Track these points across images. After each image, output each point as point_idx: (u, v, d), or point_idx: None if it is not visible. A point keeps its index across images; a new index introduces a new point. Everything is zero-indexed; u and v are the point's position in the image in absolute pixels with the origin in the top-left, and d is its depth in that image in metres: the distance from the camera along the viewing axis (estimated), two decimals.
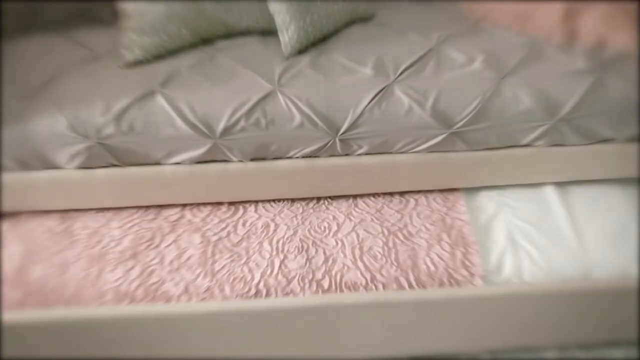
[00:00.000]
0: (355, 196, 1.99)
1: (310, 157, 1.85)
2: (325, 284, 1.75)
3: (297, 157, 1.84)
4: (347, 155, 1.87)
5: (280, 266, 1.78)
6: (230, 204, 1.96)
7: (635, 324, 1.88)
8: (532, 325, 1.86)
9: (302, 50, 1.90)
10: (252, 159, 1.84)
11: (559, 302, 1.78)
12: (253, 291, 1.73)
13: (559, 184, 2.02)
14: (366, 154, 1.86)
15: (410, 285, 1.75)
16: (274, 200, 1.97)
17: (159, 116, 1.73)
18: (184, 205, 1.95)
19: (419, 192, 2.00)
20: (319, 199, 1.98)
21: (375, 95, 1.77)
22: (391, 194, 2.00)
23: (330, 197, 1.99)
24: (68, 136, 1.72)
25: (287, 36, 1.86)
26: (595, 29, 1.90)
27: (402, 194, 2.00)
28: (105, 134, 1.72)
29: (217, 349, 1.78)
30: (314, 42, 1.93)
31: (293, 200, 1.97)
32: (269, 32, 1.96)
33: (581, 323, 1.87)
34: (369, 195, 1.99)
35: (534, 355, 1.96)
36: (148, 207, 1.94)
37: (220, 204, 1.96)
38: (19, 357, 1.70)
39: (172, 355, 1.76)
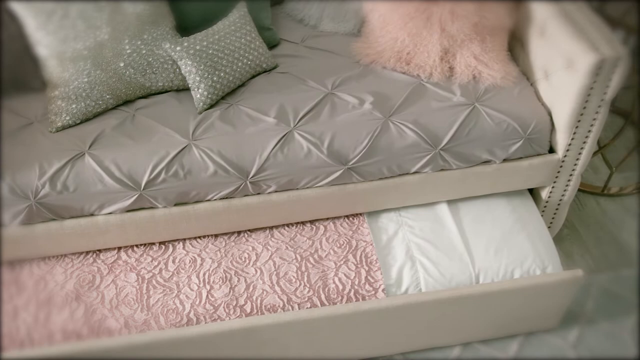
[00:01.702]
0: (271, 227, 2.18)
1: (226, 198, 2.04)
2: (248, 309, 1.97)
3: (215, 200, 2.04)
4: (258, 194, 2.06)
5: (207, 296, 2.00)
6: (161, 243, 2.15)
7: (522, 319, 2.14)
8: (435, 328, 2.09)
9: (213, 104, 2.08)
10: (176, 204, 2.03)
11: (453, 306, 2.00)
12: (185, 320, 1.95)
13: (451, 201, 2.25)
14: (275, 191, 2.06)
15: (322, 303, 1.98)
16: (199, 237, 2.16)
17: (89, 175, 1.92)
18: (120, 248, 2.13)
19: (327, 218, 2.21)
20: (239, 232, 2.17)
21: (278, 142, 1.97)
22: (303, 222, 2.20)
23: (249, 230, 2.18)
24: (9, 198, 1.91)
25: (199, 94, 2.04)
26: (469, 66, 2.13)
27: (312, 221, 2.20)
28: (42, 194, 1.91)
29: None
30: (223, 96, 2.11)
31: (216, 235, 2.16)
32: (183, 88, 2.15)
33: (477, 322, 2.11)
34: (283, 225, 2.19)
35: (441, 353, 2.21)
36: (87, 252, 2.12)
37: (152, 243, 2.15)
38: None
39: None
